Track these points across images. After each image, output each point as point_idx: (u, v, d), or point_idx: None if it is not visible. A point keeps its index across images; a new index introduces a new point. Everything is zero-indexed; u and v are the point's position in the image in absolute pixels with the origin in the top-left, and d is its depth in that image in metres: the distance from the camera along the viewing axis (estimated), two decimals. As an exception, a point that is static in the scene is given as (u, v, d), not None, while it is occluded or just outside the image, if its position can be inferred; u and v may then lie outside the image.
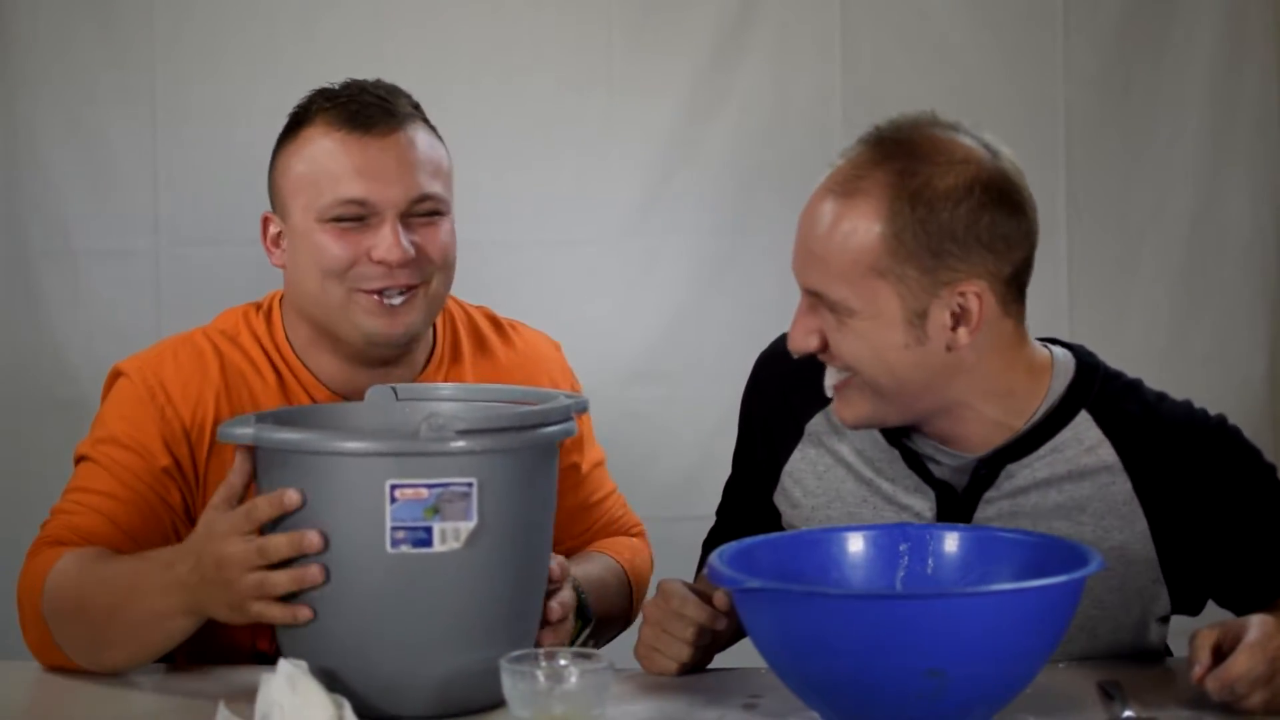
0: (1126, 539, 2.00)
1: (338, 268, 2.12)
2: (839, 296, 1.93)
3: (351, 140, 2.13)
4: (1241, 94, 3.47)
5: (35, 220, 3.41)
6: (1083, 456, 2.02)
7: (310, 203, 2.13)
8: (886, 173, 1.91)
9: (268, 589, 1.82)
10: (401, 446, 1.80)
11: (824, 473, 2.14)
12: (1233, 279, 3.49)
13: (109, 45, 3.39)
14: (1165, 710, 1.79)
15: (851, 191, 1.92)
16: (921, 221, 1.90)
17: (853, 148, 1.97)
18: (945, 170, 1.91)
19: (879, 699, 1.68)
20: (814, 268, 1.95)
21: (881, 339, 1.94)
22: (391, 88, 2.20)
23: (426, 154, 2.16)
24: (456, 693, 1.85)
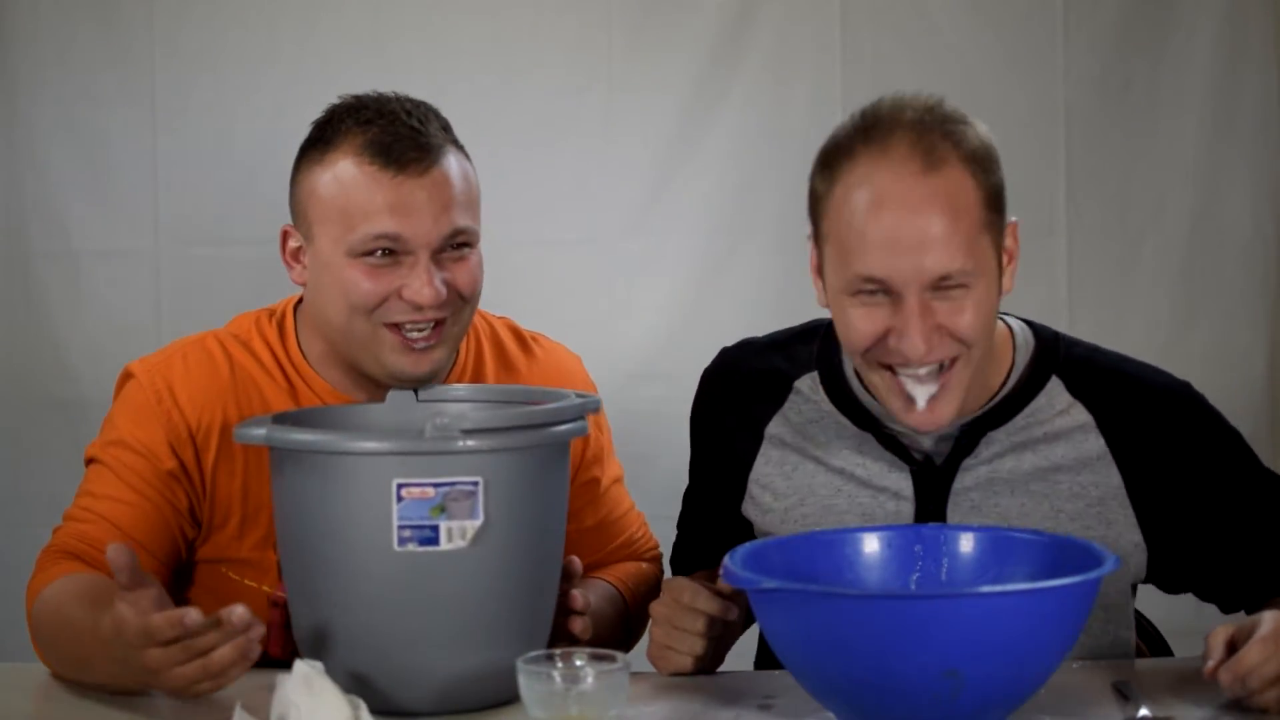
0: (1103, 494, 2.05)
1: (367, 304, 2.08)
2: (966, 268, 1.92)
3: (385, 177, 2.07)
4: (1241, 94, 3.47)
5: (35, 220, 3.40)
6: (1057, 419, 2.06)
7: (340, 235, 2.08)
8: (941, 138, 1.94)
9: (210, 670, 1.77)
10: (407, 446, 1.81)
11: (792, 472, 2.15)
12: (1233, 279, 3.49)
13: (109, 45, 3.39)
14: (1180, 710, 1.79)
15: (936, 162, 1.92)
16: (990, 171, 1.96)
17: (863, 142, 1.96)
18: (969, 128, 1.97)
19: (895, 700, 1.68)
20: (936, 250, 1.91)
21: (990, 297, 1.97)
22: (423, 111, 2.15)
23: (460, 187, 2.11)
24: (465, 689, 1.85)
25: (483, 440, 1.80)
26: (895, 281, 1.92)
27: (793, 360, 2.18)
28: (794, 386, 2.16)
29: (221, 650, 1.76)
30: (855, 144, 1.96)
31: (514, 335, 2.32)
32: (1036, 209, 3.46)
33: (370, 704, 1.71)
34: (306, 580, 1.86)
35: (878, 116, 1.97)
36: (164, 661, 1.77)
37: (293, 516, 1.86)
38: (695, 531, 2.30)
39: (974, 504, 2.07)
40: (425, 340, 2.10)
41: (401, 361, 2.10)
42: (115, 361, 3.15)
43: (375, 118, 2.10)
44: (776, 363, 2.19)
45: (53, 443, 3.29)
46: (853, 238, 1.93)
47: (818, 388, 2.15)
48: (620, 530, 2.38)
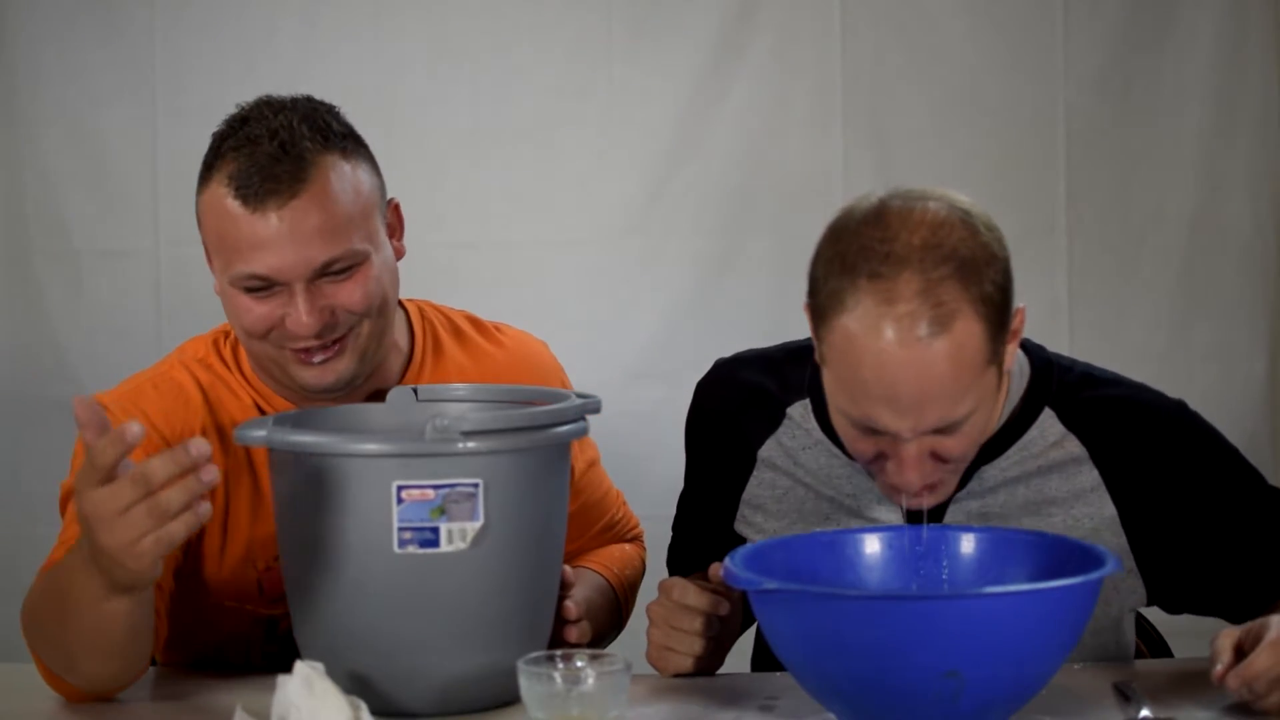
0: (1096, 526, 2.02)
1: (258, 331, 2.03)
2: (966, 411, 1.86)
3: (244, 214, 1.98)
4: (1241, 94, 3.47)
5: (35, 220, 3.41)
6: (1050, 451, 2.04)
7: (223, 266, 2.03)
8: (948, 281, 1.82)
9: (157, 512, 1.65)
10: (407, 448, 1.80)
11: (783, 495, 2.14)
12: (1233, 279, 3.49)
13: (109, 45, 3.39)
14: (1182, 710, 1.79)
15: (943, 320, 1.81)
16: (998, 296, 1.86)
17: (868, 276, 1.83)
18: (974, 242, 1.86)
19: (896, 700, 1.68)
20: (937, 408, 1.85)
21: (986, 417, 1.92)
22: (294, 125, 2.04)
23: (333, 210, 2.00)
24: (466, 691, 1.85)
25: (483, 442, 1.80)
26: (892, 431, 1.87)
27: (785, 385, 2.15)
28: (786, 413, 2.14)
29: (170, 491, 1.64)
30: (859, 274, 1.83)
31: (474, 325, 2.28)
32: (1036, 209, 3.47)
33: (371, 705, 1.71)
34: (307, 582, 1.85)
35: (885, 240, 1.84)
36: (110, 503, 1.65)
37: (293, 518, 1.86)
38: (690, 540, 2.29)
39: None
40: (325, 355, 2.04)
41: (305, 375, 2.05)
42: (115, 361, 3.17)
43: (243, 143, 2.02)
44: (769, 385, 2.17)
45: (53, 443, 3.27)
46: (854, 385, 1.86)
47: (809, 416, 2.12)
48: (602, 513, 2.37)
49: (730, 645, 2.05)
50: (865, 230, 1.85)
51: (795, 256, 3.51)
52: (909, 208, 1.86)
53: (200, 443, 1.65)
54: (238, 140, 2.02)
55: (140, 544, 1.66)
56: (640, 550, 2.42)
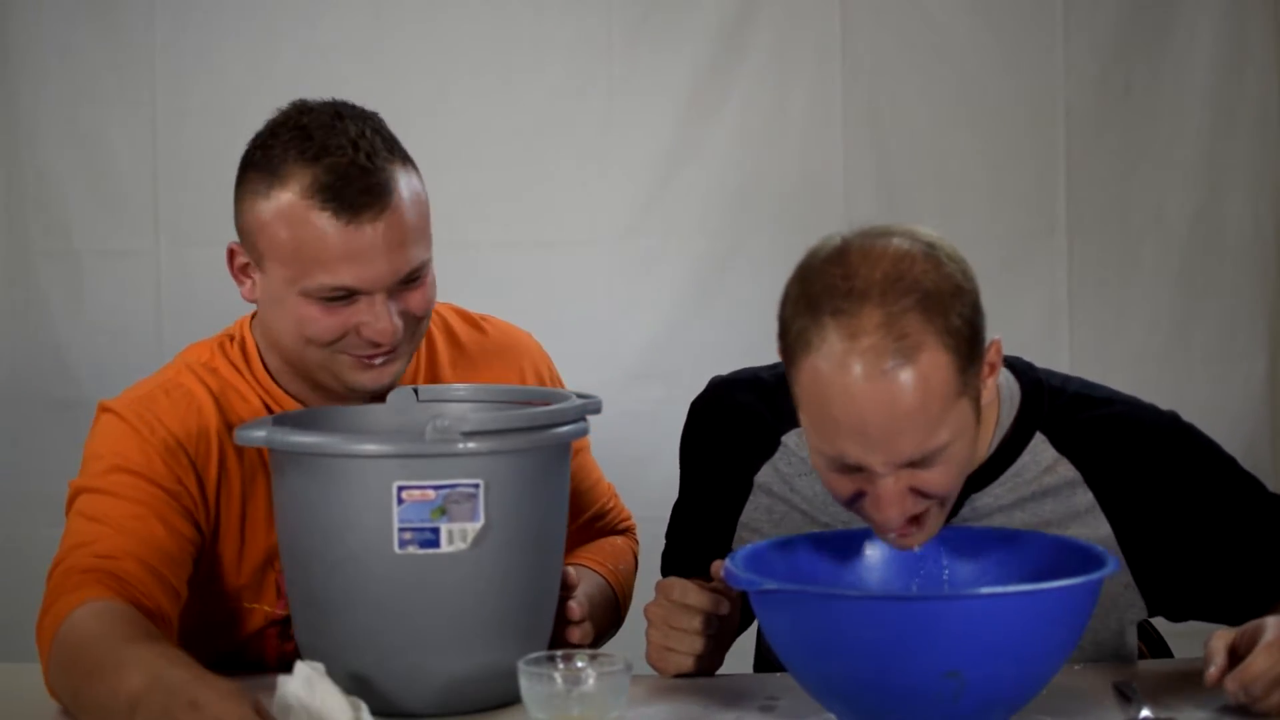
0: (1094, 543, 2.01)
1: (323, 340, 2.03)
2: (941, 442, 1.84)
3: (338, 225, 1.98)
4: (1241, 94, 3.48)
5: (35, 220, 3.41)
6: (1043, 477, 2.04)
7: (293, 276, 2.01)
8: (911, 313, 1.81)
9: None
10: (408, 448, 1.80)
11: (780, 519, 2.14)
12: (1233, 279, 3.50)
13: (109, 45, 3.39)
14: (1182, 711, 1.79)
15: (907, 351, 1.80)
16: (965, 329, 1.85)
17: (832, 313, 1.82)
18: (938, 274, 1.84)
19: (897, 701, 1.68)
20: (908, 440, 1.83)
21: (967, 448, 1.90)
22: (370, 135, 2.04)
23: (412, 219, 2.03)
24: (467, 691, 1.85)
25: (483, 442, 1.80)
26: (867, 466, 1.86)
27: (778, 413, 2.13)
28: (781, 442, 2.14)
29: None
30: (823, 312, 1.82)
31: (462, 318, 2.29)
32: (1036, 209, 3.47)
33: (371, 705, 1.71)
34: (307, 582, 1.86)
35: (847, 276, 1.83)
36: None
37: (293, 519, 1.86)
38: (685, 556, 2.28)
39: None
40: (385, 357, 2.06)
41: (362, 378, 2.06)
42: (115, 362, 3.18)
43: (322, 153, 2.00)
44: (761, 412, 2.16)
45: (53, 443, 3.29)
46: (825, 423, 1.85)
47: (803, 443, 2.09)
48: (591, 501, 2.37)
49: (729, 644, 2.05)
50: (828, 269, 1.84)
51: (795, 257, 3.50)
52: (870, 244, 1.85)
53: None
54: (311, 150, 2.00)
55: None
56: (632, 543, 2.42)
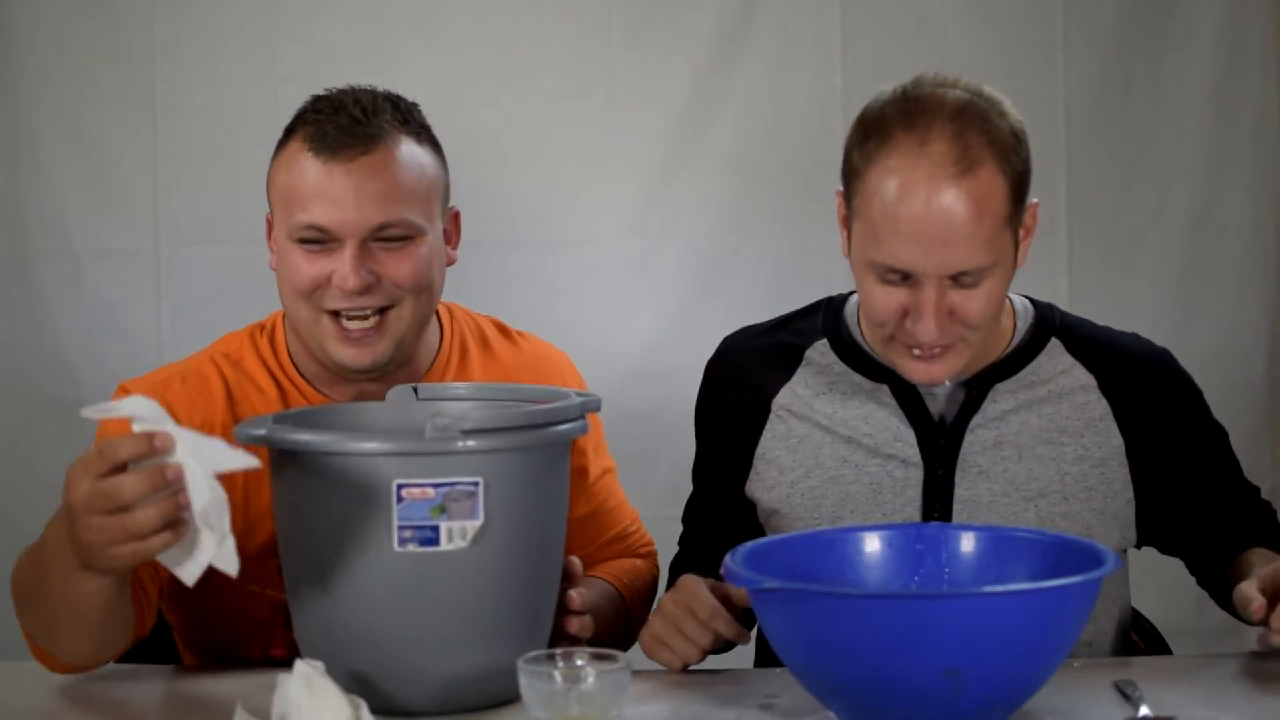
0: (1105, 455, 2.13)
1: (304, 288, 2.10)
2: (987, 262, 1.99)
3: (318, 164, 2.08)
4: (1241, 94, 3.48)
5: (35, 220, 3.41)
6: (1060, 378, 2.14)
7: (283, 221, 2.12)
8: (978, 135, 1.98)
9: (131, 530, 1.67)
10: (407, 446, 1.80)
11: (798, 444, 2.18)
12: (1233, 279, 3.50)
13: (109, 45, 3.40)
14: (1182, 709, 1.79)
15: (971, 164, 1.96)
16: (1020, 164, 2.01)
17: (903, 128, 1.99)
18: (1001, 118, 2.02)
19: (896, 699, 1.68)
20: (960, 249, 1.98)
21: (1003, 284, 2.04)
22: (378, 101, 2.14)
23: (398, 177, 2.10)
24: (466, 689, 1.85)
25: (483, 440, 1.80)
26: (917, 272, 1.99)
27: (799, 333, 2.24)
28: (805, 356, 2.21)
29: (145, 511, 1.67)
30: (894, 128, 2.00)
31: (499, 330, 2.33)
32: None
33: (371, 704, 1.71)
34: (307, 580, 1.85)
35: (919, 100, 2.01)
36: (86, 503, 1.68)
37: (293, 517, 1.86)
38: (700, 527, 2.30)
39: (981, 469, 2.11)
40: (364, 333, 2.10)
41: (342, 352, 2.11)
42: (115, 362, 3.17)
43: (327, 108, 2.12)
44: (783, 338, 2.24)
45: (52, 443, 3.29)
46: (883, 225, 1.99)
47: (829, 352, 2.20)
48: (613, 523, 2.38)
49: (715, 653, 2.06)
50: (898, 102, 2.03)
51: (795, 256, 3.52)
52: (937, 89, 2.03)
53: (176, 467, 1.67)
54: (321, 107, 2.13)
55: (113, 550, 1.70)
56: (652, 567, 2.42)
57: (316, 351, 2.14)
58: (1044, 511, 2.09)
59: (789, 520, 2.16)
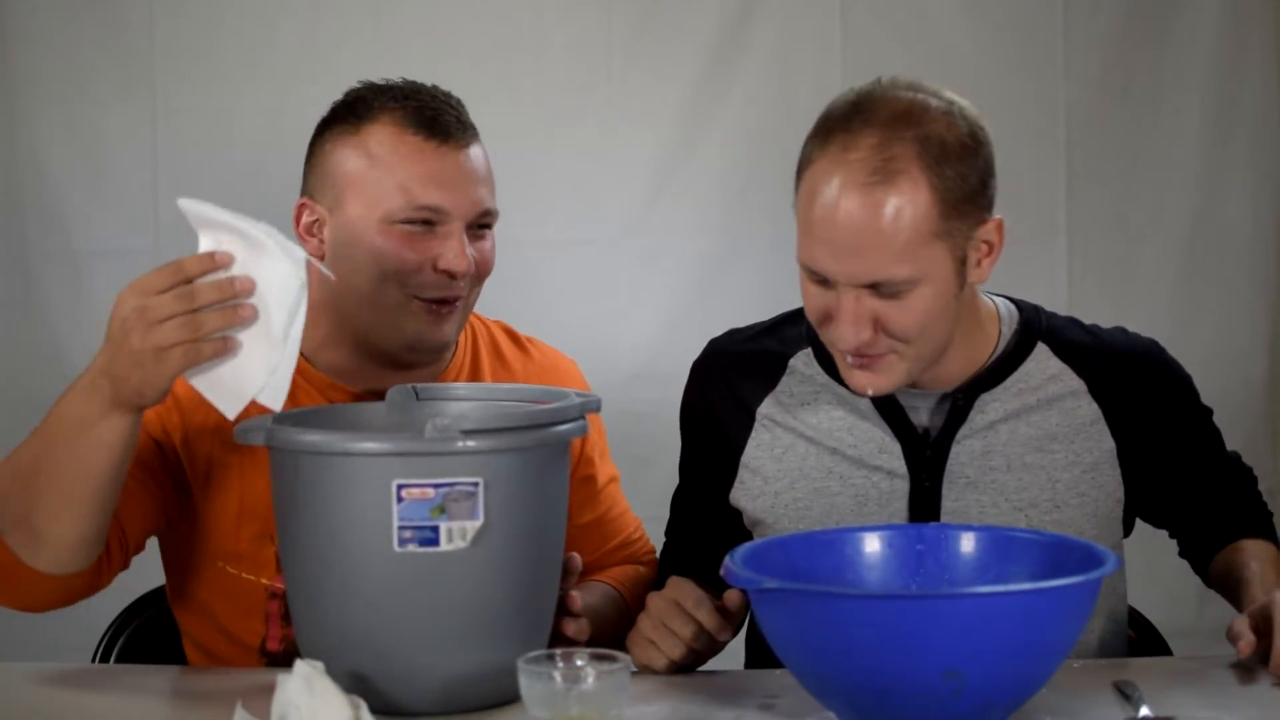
0: (1096, 459, 2.11)
1: (402, 271, 2.10)
2: (904, 275, 1.95)
3: (429, 147, 2.11)
4: (1241, 94, 3.48)
5: (35, 220, 3.41)
6: (1049, 384, 2.11)
7: (375, 202, 2.10)
8: (907, 144, 1.93)
9: (196, 329, 1.77)
10: (407, 446, 1.80)
11: (783, 454, 2.16)
12: (1233, 279, 3.50)
13: (109, 45, 3.40)
14: (1182, 710, 1.79)
15: (889, 174, 1.92)
16: (960, 176, 1.95)
17: (839, 130, 1.95)
18: (948, 125, 1.96)
19: (896, 699, 1.68)
20: (869, 259, 1.94)
21: (938, 299, 1.98)
22: (450, 95, 2.19)
23: (486, 169, 2.17)
24: (466, 689, 1.85)
25: (483, 440, 1.80)
26: (831, 277, 1.97)
27: (784, 340, 2.21)
28: (789, 365, 2.18)
29: (207, 313, 1.78)
30: (834, 131, 1.96)
31: (509, 336, 2.34)
32: (1036, 209, 3.47)
33: (371, 704, 1.71)
34: (307, 581, 1.85)
35: (865, 103, 1.97)
36: (165, 304, 1.77)
37: (293, 517, 1.86)
38: (685, 531, 2.30)
39: (970, 480, 2.09)
40: (449, 310, 2.13)
41: (424, 327, 2.12)
42: (115, 361, 3.14)
43: (411, 94, 2.15)
44: (768, 345, 2.22)
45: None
46: (803, 227, 1.98)
47: (812, 362, 2.17)
48: (617, 530, 2.38)
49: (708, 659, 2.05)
50: (848, 104, 1.97)
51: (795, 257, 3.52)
52: (894, 91, 1.98)
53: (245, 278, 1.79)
54: (398, 94, 2.15)
55: (170, 352, 1.79)
56: (654, 573, 2.40)
57: (388, 332, 2.13)
58: (1035, 520, 2.08)
59: (774, 530, 2.14)
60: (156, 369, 1.80)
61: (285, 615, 2.10)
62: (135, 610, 2.37)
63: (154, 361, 1.80)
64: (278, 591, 2.10)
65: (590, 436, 2.30)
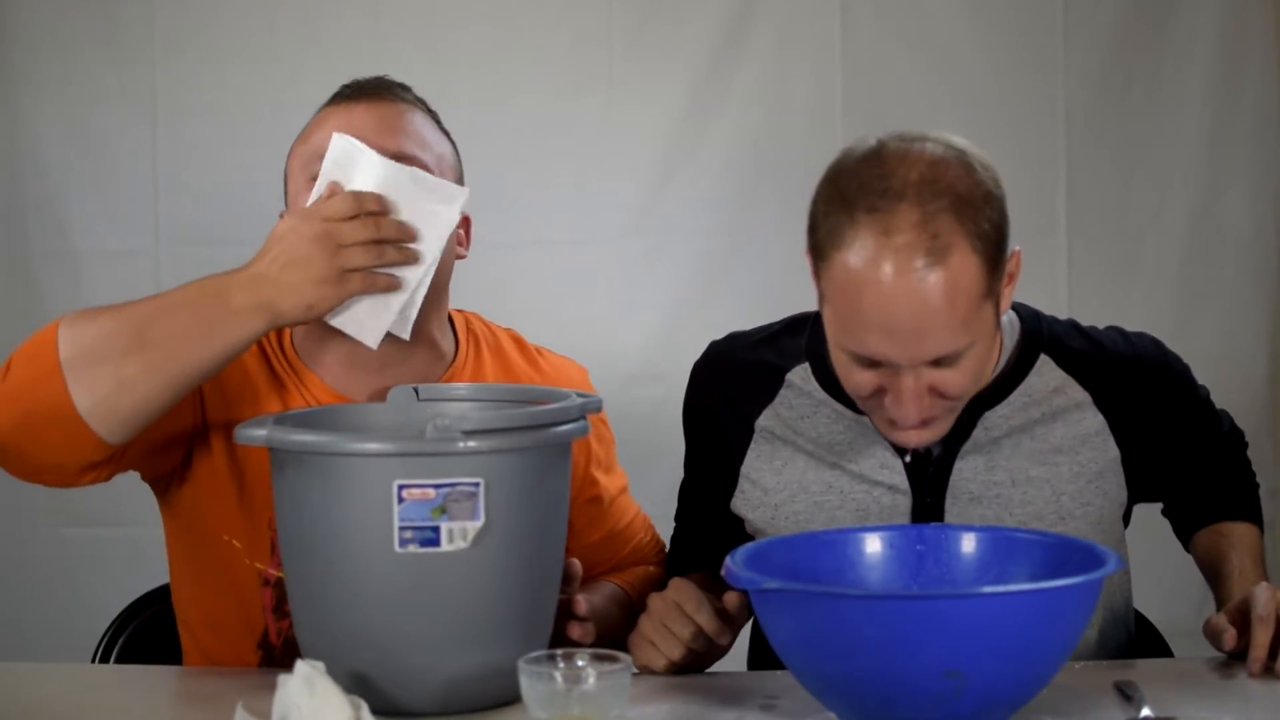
0: (1101, 468, 2.10)
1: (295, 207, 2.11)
2: (964, 344, 1.90)
3: (340, 106, 2.15)
4: (1241, 94, 3.48)
5: (35, 220, 3.41)
6: (1053, 397, 2.10)
7: (303, 166, 2.14)
8: (946, 215, 1.86)
9: (379, 256, 1.92)
10: (408, 447, 1.80)
11: (782, 467, 2.16)
12: (1233, 279, 3.50)
13: (109, 45, 3.40)
14: (1182, 710, 1.79)
15: (940, 251, 1.85)
16: (994, 233, 1.90)
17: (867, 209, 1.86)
18: (970, 180, 1.90)
19: (897, 700, 1.68)
20: (934, 339, 1.88)
21: (986, 350, 1.96)
22: (400, 83, 2.21)
23: (415, 126, 2.15)
24: (467, 690, 1.85)
25: (484, 441, 1.80)
26: (891, 362, 1.91)
27: (782, 353, 2.19)
28: (786, 379, 2.17)
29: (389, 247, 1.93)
30: (858, 208, 1.87)
31: (517, 345, 2.32)
32: (1036, 209, 3.47)
33: (372, 704, 1.71)
34: (308, 581, 1.85)
35: (885, 168, 1.88)
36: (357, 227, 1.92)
37: (294, 518, 1.86)
38: (691, 527, 2.30)
39: (973, 495, 2.09)
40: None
41: None
42: (115, 362, 3.14)
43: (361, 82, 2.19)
44: (766, 356, 2.20)
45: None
46: (852, 317, 1.90)
47: (810, 378, 2.16)
48: (628, 539, 2.38)
49: (711, 664, 2.05)
50: (863, 169, 1.89)
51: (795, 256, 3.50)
52: (906, 147, 1.90)
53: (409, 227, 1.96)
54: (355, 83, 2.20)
55: (352, 275, 1.92)
56: (663, 572, 2.41)
57: None
58: None
59: None
60: (336, 289, 1.91)
61: (277, 607, 2.10)
62: (135, 610, 2.37)
63: (336, 282, 1.91)
64: (270, 578, 2.10)
65: (594, 452, 2.30)
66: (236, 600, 2.13)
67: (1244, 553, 2.14)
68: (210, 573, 2.14)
